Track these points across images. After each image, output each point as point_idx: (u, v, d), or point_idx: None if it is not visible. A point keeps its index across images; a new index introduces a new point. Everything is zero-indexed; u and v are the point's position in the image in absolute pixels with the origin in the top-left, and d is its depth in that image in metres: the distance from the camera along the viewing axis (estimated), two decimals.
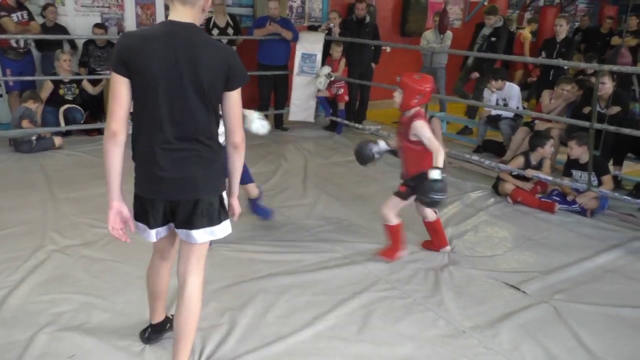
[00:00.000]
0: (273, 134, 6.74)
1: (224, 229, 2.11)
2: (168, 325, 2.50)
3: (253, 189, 3.79)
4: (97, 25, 6.54)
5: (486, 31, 7.04)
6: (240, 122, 2.04)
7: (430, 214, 3.50)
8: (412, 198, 3.31)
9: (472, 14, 10.03)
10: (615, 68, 4.51)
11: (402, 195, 3.33)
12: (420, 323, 2.78)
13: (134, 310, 2.73)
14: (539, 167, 4.72)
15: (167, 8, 7.08)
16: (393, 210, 3.36)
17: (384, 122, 7.46)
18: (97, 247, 3.46)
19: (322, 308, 2.85)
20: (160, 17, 7.04)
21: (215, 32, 6.76)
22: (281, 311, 2.82)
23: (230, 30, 6.79)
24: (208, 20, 6.88)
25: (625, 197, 4.44)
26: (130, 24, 6.89)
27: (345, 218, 4.17)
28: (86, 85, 6.36)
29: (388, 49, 8.61)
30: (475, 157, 5.58)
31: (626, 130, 4.33)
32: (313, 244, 3.67)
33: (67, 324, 2.63)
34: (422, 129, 3.14)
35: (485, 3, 9.35)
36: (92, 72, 6.51)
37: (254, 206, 3.85)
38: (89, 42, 6.53)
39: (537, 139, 4.80)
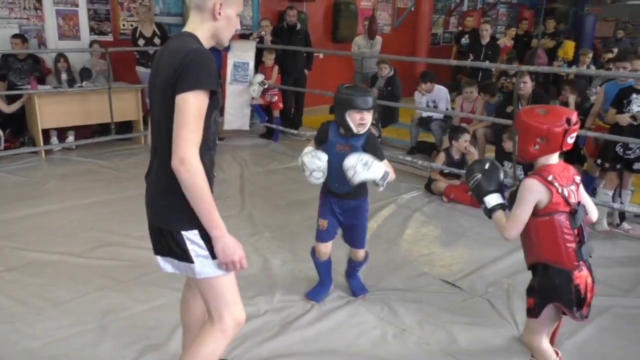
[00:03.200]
0: None
1: (201, 266, 1.73)
2: None
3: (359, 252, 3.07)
4: (15, 36, 6.19)
5: (381, 82, 6.96)
6: (184, 137, 1.58)
7: None
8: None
9: (400, 19, 10.33)
10: (532, 68, 4.77)
11: (532, 312, 2.12)
12: (361, 323, 2.82)
13: (66, 336, 2.61)
14: (462, 161, 4.91)
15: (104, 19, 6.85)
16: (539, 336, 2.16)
17: None
18: (22, 272, 3.28)
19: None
20: (84, 29, 6.78)
21: (141, 42, 6.59)
22: None
23: (157, 40, 6.63)
24: (134, 30, 6.70)
25: None
26: (51, 36, 6.59)
27: (285, 225, 4.17)
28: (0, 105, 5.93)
29: (321, 55, 8.71)
30: (408, 158, 5.74)
31: None
32: (252, 253, 3.64)
33: None
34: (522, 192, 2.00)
35: (413, 9, 9.66)
36: (12, 86, 6.16)
37: (351, 270, 3.15)
38: (8, 54, 6.18)
39: (453, 133, 5.07)
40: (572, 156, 5.20)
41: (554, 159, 2.04)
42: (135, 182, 5.15)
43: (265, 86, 6.64)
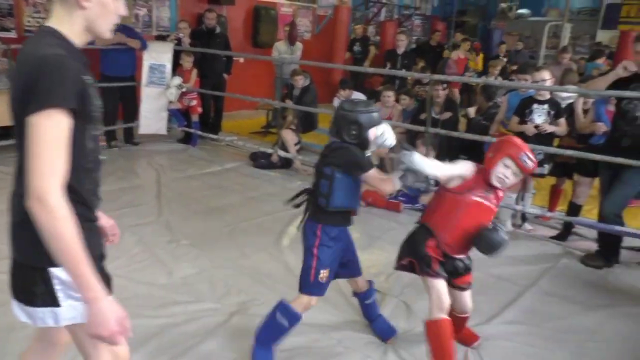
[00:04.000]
0: (122, 149, 6.40)
1: (69, 310, 1.43)
2: None
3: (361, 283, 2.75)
4: None
5: (297, 91, 6.93)
6: (40, 171, 1.27)
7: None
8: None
9: (320, 26, 10.48)
10: (443, 78, 5.01)
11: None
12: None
13: None
14: (380, 167, 5.06)
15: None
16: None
17: (239, 134, 7.47)
18: None
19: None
20: None
21: None
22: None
23: None
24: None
25: None
26: None
27: (204, 232, 4.08)
28: None
29: (241, 60, 8.64)
30: None
31: (455, 134, 4.83)
32: (170, 261, 3.53)
33: None
34: None
35: (332, 17, 9.83)
36: None
37: (371, 308, 2.82)
38: None
39: None
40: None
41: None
42: None
43: (183, 89, 6.49)
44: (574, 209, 4.28)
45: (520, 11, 14.62)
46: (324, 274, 2.40)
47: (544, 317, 3.11)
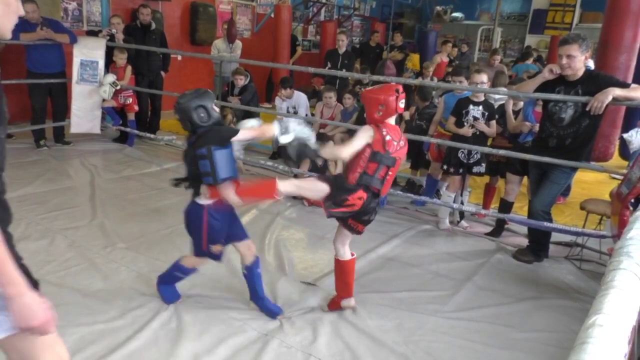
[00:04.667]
0: (53, 149, 6.10)
1: None
2: None
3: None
4: None
5: (236, 90, 6.83)
6: None
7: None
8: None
9: (260, 25, 10.41)
10: (382, 78, 5.09)
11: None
12: (227, 329, 2.77)
13: None
14: (324, 167, 5.09)
15: None
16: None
17: (178, 132, 7.28)
18: None
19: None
20: None
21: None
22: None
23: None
24: None
25: (399, 192, 5.05)
26: None
27: (141, 234, 3.95)
28: None
29: (179, 57, 8.44)
30: (269, 163, 5.79)
31: None
32: (105, 265, 3.40)
33: None
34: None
35: (272, 15, 9.79)
36: None
37: (258, 283, 3.00)
38: None
39: (318, 140, 5.21)
40: (417, 160, 5.67)
41: (391, 121, 2.77)
42: (16, 184, 4.53)
43: (118, 87, 6.25)
44: (505, 206, 4.47)
45: (455, 14, 15.14)
46: (216, 248, 2.77)
47: (478, 311, 3.23)
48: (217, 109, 2.68)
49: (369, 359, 2.65)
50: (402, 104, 2.73)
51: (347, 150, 2.72)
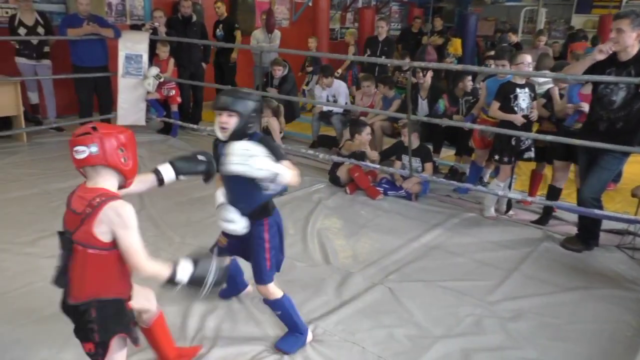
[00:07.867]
0: None
1: None
2: None
3: None
4: None
5: (275, 81, 6.97)
6: None
7: None
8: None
9: (298, 14, 10.38)
10: (423, 64, 5.01)
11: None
12: (265, 321, 2.81)
13: None
14: (363, 154, 5.07)
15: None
16: None
17: None
18: None
19: None
20: None
21: (22, 31, 6.04)
22: None
23: (40, 30, 6.13)
24: (12, 17, 6.13)
25: (442, 179, 4.98)
26: None
27: (187, 223, 4.04)
28: None
29: None
30: (310, 152, 5.80)
31: (436, 121, 4.85)
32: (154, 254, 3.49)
33: None
34: None
35: (310, 4, 9.74)
36: None
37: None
38: None
39: (355, 126, 5.21)
40: (460, 147, 5.56)
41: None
42: (17, 183, 4.73)
43: (161, 79, 6.38)
44: (553, 193, 4.34)
45: None
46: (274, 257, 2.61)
47: (525, 301, 3.16)
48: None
49: (413, 348, 2.64)
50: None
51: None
